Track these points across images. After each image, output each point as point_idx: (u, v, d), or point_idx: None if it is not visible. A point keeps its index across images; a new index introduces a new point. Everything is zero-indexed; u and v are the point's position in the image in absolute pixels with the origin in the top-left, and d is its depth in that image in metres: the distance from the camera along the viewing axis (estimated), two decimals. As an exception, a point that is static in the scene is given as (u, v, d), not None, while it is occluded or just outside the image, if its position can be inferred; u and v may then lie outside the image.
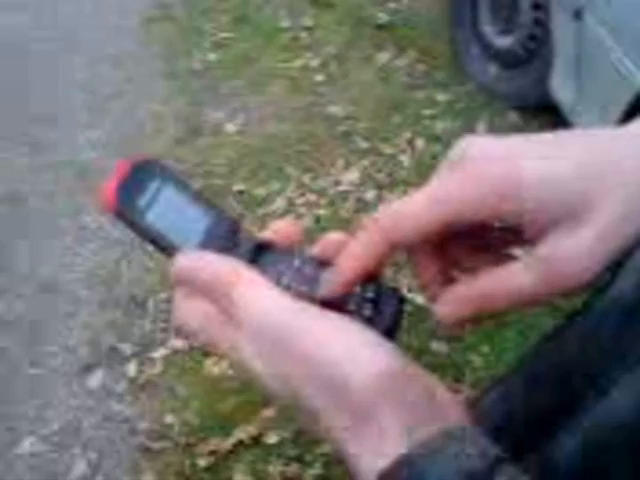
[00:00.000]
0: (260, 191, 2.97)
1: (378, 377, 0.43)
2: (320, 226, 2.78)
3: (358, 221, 2.83)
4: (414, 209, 0.45)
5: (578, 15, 2.70)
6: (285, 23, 3.94)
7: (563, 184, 0.44)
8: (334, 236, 0.51)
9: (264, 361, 0.46)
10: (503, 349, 2.32)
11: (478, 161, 0.45)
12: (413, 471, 0.41)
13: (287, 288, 0.48)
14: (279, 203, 2.90)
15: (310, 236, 2.42)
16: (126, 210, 0.49)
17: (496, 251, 0.50)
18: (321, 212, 2.87)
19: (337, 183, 3.01)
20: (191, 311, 0.49)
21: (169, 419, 2.21)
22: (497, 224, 0.48)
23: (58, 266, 2.72)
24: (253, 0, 4.12)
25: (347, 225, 2.81)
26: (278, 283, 0.48)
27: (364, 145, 3.21)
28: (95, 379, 2.33)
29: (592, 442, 0.47)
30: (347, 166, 3.10)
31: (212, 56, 3.72)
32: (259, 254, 0.50)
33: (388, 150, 3.18)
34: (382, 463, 0.41)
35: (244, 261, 0.49)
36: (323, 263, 0.49)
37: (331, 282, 0.48)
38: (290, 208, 2.89)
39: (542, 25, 3.16)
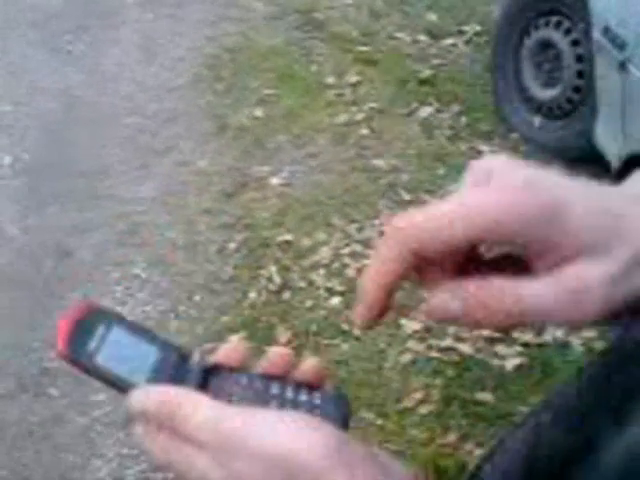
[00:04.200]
0: (306, 242, 2.99)
1: (328, 455, 0.46)
2: (365, 276, 2.79)
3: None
4: (445, 220, 0.44)
5: (623, 66, 2.71)
6: (330, 79, 4.02)
7: (595, 211, 0.45)
8: (279, 351, 0.54)
9: (219, 466, 0.48)
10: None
11: (512, 175, 0.45)
12: None
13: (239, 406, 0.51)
14: (325, 253, 2.93)
15: (355, 286, 2.42)
16: (77, 356, 0.52)
17: None
18: (366, 262, 2.88)
19: (382, 234, 3.02)
20: (151, 444, 0.51)
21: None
22: (528, 244, 0.45)
23: (107, 316, 2.75)
24: (298, 57, 4.21)
25: (392, 275, 2.81)
26: (230, 402, 0.51)
27: (408, 197, 3.23)
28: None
29: (622, 468, 0.47)
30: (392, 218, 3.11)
31: (259, 112, 3.80)
32: (208, 378, 0.53)
33: (432, 201, 3.19)
34: None
35: (194, 386, 0.52)
36: (271, 377, 0.52)
37: (361, 310, 0.48)
38: (335, 258, 2.91)
39: (585, 77, 3.18)
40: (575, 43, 3.22)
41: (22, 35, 4.48)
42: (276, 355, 0.54)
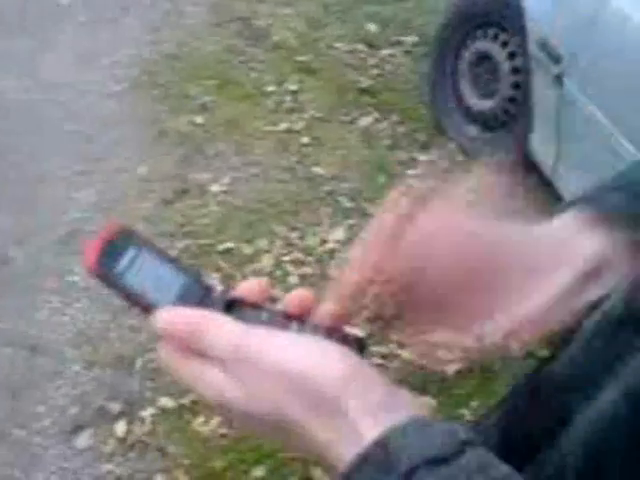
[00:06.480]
0: (247, 249, 2.99)
1: (344, 376, 0.47)
2: (307, 283, 2.80)
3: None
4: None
5: (558, 80, 2.79)
6: (270, 87, 4.03)
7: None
8: (300, 292, 0.56)
9: (235, 383, 0.49)
10: (493, 402, 2.33)
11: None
12: (387, 451, 0.44)
13: None
14: (266, 261, 2.93)
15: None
16: (107, 273, 0.55)
17: None
18: (308, 270, 2.90)
19: (324, 242, 3.04)
20: (171, 363, 0.53)
21: (159, 479, 2.18)
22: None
23: (45, 326, 2.70)
24: (238, 65, 4.21)
25: (334, 283, 2.83)
26: None
27: (349, 205, 3.26)
28: (83, 439, 2.31)
29: (590, 442, 0.50)
30: (333, 225, 3.14)
31: (198, 119, 3.78)
32: (230, 310, 0.54)
33: (373, 209, 3.23)
34: (359, 449, 0.45)
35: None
36: (289, 316, 0.54)
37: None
38: (277, 266, 2.91)
39: (521, 88, 3.26)
40: (512, 55, 3.31)
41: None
42: (297, 296, 0.56)
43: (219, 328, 0.51)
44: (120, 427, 2.33)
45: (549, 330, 0.54)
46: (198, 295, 0.55)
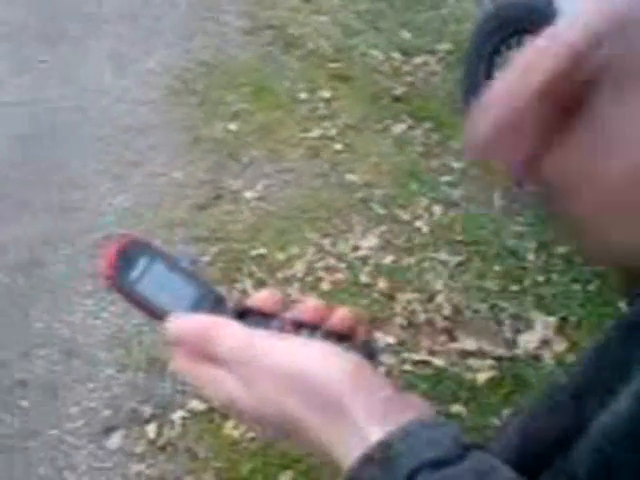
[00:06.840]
0: (280, 255, 3.01)
1: (347, 377, 0.48)
2: (339, 289, 2.81)
3: (377, 285, 2.86)
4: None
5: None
6: (303, 95, 4.05)
7: None
8: (311, 301, 0.57)
9: (244, 386, 0.50)
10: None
11: None
12: (391, 451, 0.44)
13: None
14: (299, 267, 2.94)
15: (330, 300, 2.42)
16: (120, 282, 0.57)
17: None
18: (340, 276, 2.90)
19: (356, 248, 3.05)
20: (183, 368, 0.54)
21: (188, 481, 2.20)
22: None
23: (79, 329, 2.74)
24: (271, 73, 4.24)
25: (366, 289, 2.84)
26: None
27: (382, 211, 3.26)
28: (115, 440, 2.33)
29: (600, 449, 0.49)
30: (365, 232, 3.14)
31: (232, 126, 3.81)
32: (242, 319, 0.55)
33: (405, 216, 3.23)
34: (362, 450, 0.45)
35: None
36: (300, 324, 0.55)
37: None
38: (309, 272, 2.92)
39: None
40: (546, 63, 3.28)
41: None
42: (311, 305, 0.56)
43: (227, 334, 0.52)
44: (151, 429, 2.35)
45: None
46: (210, 305, 0.57)
